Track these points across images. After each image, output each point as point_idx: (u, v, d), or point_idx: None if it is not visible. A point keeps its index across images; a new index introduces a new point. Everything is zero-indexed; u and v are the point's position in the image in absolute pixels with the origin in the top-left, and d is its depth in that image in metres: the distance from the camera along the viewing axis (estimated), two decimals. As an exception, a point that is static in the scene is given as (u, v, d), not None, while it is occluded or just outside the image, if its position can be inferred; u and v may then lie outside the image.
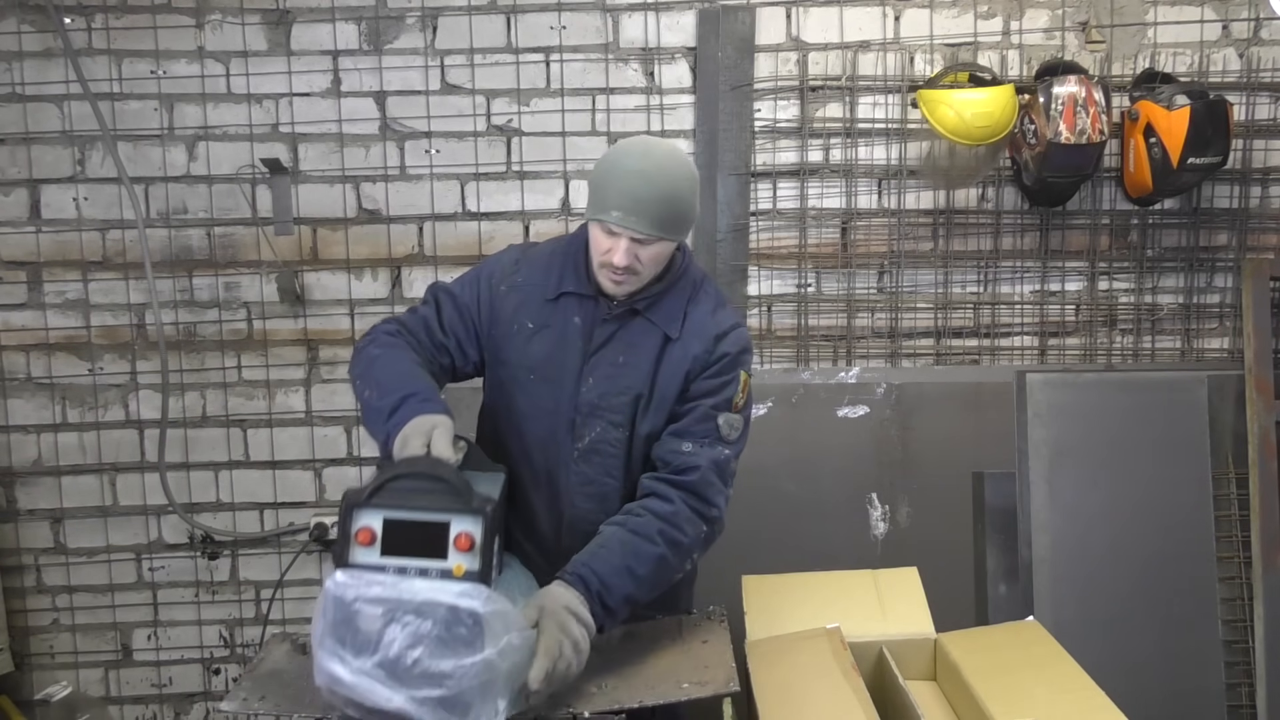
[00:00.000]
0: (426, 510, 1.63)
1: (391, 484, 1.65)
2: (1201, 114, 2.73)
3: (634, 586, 1.81)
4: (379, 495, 1.64)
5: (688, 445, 1.90)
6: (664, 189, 1.83)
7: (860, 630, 2.06)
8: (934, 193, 3.02)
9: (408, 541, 1.62)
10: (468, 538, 1.61)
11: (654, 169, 1.84)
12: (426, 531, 1.62)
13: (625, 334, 1.95)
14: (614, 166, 1.87)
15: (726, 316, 2.00)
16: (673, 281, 1.97)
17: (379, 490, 1.64)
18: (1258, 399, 2.76)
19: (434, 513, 1.63)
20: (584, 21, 2.96)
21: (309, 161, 2.98)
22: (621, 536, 1.83)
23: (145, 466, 3.03)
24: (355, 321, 3.02)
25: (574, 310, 1.96)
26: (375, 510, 1.63)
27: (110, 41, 2.92)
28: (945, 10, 2.97)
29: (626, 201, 1.82)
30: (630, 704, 1.68)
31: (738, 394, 1.94)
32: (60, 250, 2.99)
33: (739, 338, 1.98)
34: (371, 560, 1.62)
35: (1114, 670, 2.02)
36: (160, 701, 3.12)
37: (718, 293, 2.06)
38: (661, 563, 1.84)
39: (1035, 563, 2.67)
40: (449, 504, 1.63)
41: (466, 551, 1.61)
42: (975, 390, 2.89)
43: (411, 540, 1.62)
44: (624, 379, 1.94)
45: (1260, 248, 3.04)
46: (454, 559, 1.61)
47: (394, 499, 1.64)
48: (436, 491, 1.64)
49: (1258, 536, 2.70)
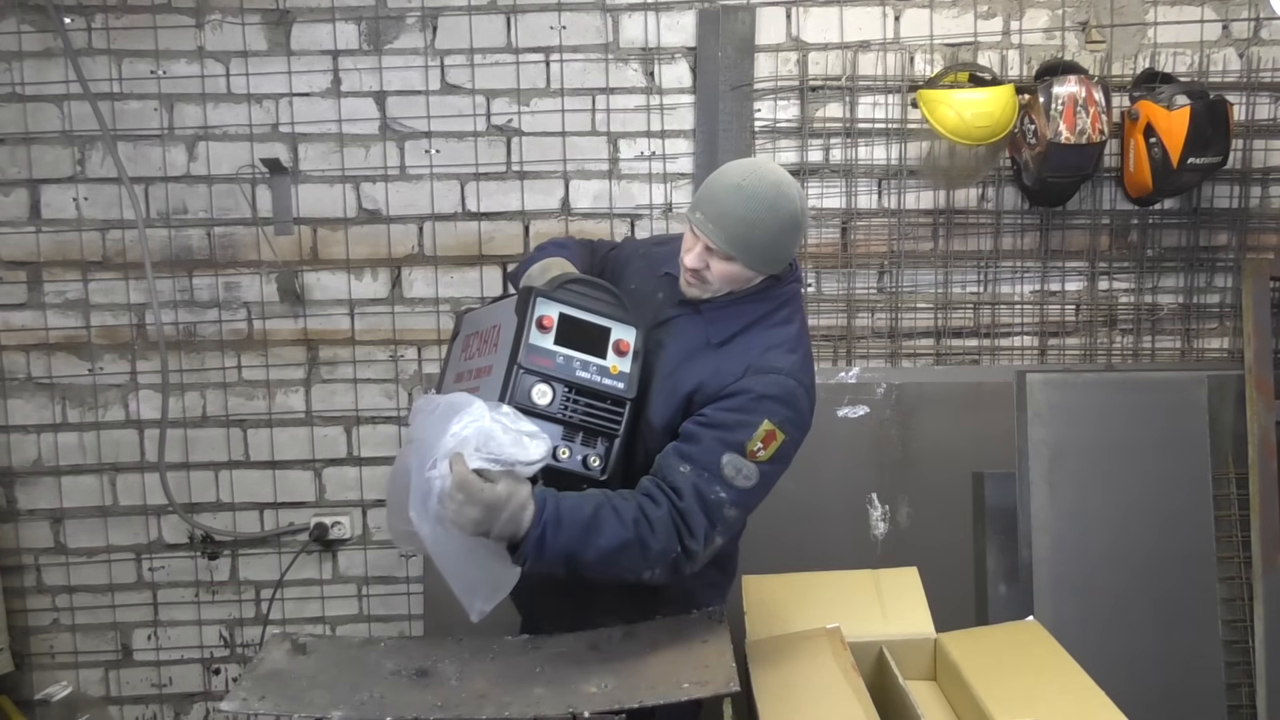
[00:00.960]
0: (597, 313, 1.90)
1: (571, 285, 1.93)
2: (1201, 114, 2.73)
3: (580, 549, 1.76)
4: (562, 291, 1.90)
5: (685, 467, 1.84)
6: (753, 214, 1.84)
7: (860, 630, 2.06)
8: (934, 193, 3.02)
9: (578, 336, 1.87)
10: (626, 343, 1.90)
11: (752, 190, 1.85)
12: (594, 331, 1.89)
13: (681, 323, 1.98)
14: (721, 174, 1.91)
15: (780, 359, 1.89)
16: (743, 298, 1.95)
17: (562, 286, 1.91)
18: (1258, 399, 2.76)
19: (603, 317, 1.90)
20: (584, 21, 2.96)
21: (309, 161, 2.98)
22: (600, 501, 1.80)
23: (145, 466, 3.03)
24: (355, 321, 3.02)
25: (664, 288, 2.03)
26: (556, 303, 1.87)
27: (110, 41, 2.92)
28: (945, 10, 2.97)
29: (712, 209, 1.87)
30: (630, 704, 1.68)
31: (754, 440, 1.84)
32: (60, 250, 2.99)
33: (777, 384, 1.87)
34: (545, 345, 1.85)
35: (1114, 670, 2.03)
36: (160, 701, 3.12)
37: (797, 338, 1.95)
38: (624, 549, 1.78)
39: (1035, 563, 2.67)
40: (616, 312, 1.92)
41: (624, 355, 1.89)
42: (975, 390, 2.89)
43: (581, 336, 1.88)
44: (655, 358, 1.96)
45: (1260, 248, 3.04)
46: (611, 359, 1.89)
47: (573, 297, 1.90)
48: (606, 301, 1.93)
49: (1258, 536, 2.70)
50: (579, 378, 1.86)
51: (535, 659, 1.88)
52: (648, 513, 1.81)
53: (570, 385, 1.85)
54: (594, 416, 1.87)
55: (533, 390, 1.83)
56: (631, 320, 1.92)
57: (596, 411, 1.87)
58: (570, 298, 1.90)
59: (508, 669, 1.85)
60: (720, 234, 1.85)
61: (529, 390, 1.83)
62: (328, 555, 3.08)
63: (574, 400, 1.85)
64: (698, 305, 1.97)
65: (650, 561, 1.81)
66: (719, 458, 1.83)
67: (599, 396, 1.87)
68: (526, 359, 1.83)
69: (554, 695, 1.72)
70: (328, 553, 3.07)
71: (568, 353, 1.86)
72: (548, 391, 1.84)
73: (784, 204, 1.86)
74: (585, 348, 1.87)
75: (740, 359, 1.89)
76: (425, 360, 3.03)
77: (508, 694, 1.74)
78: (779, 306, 1.96)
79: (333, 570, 3.09)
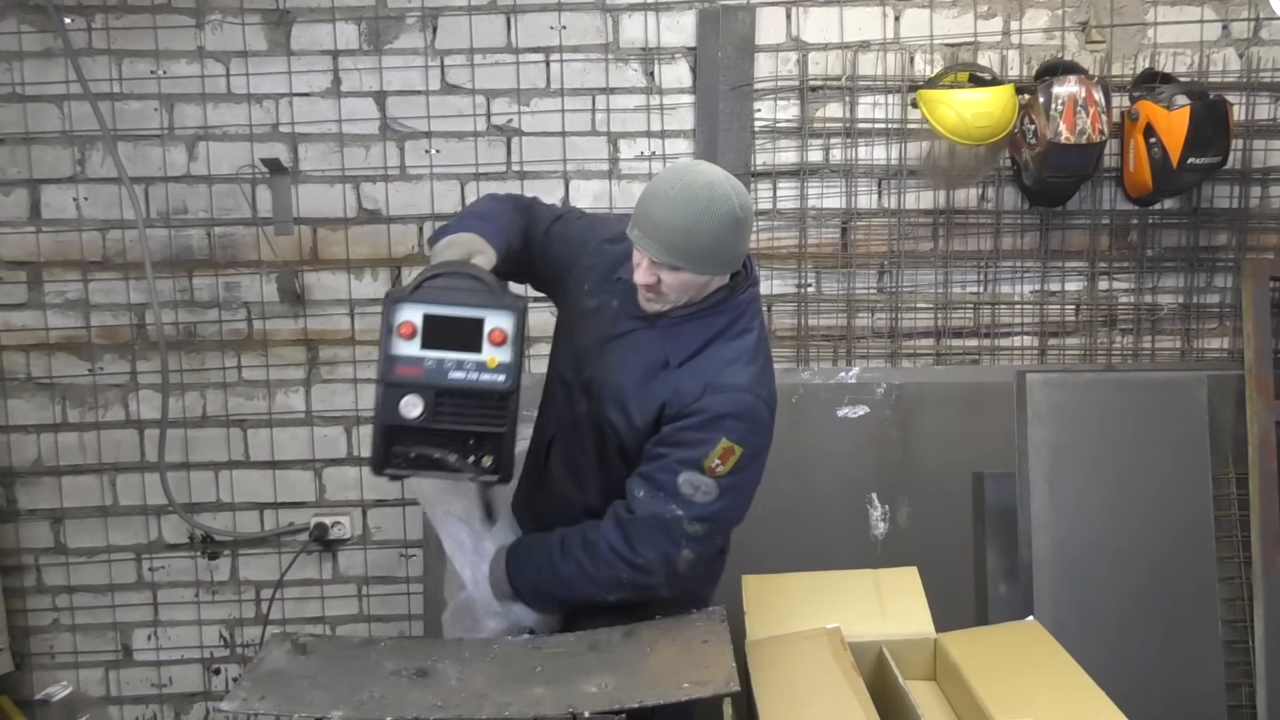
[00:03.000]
0: (464, 306, 1.77)
1: (431, 281, 1.79)
2: (1201, 114, 2.73)
3: (542, 582, 1.97)
4: (420, 291, 1.78)
5: (640, 491, 1.89)
6: (688, 220, 1.80)
7: (860, 630, 2.06)
8: (934, 193, 3.02)
9: (446, 335, 1.76)
10: (501, 333, 1.76)
11: (682, 196, 1.81)
12: (464, 326, 1.76)
13: (639, 337, 1.96)
14: (652, 186, 1.87)
15: (738, 375, 1.90)
16: (700, 311, 1.93)
17: (419, 286, 1.78)
18: (1258, 399, 2.76)
19: (471, 308, 1.77)
20: (584, 21, 2.96)
21: (309, 161, 2.98)
22: (558, 537, 1.98)
23: (145, 466, 3.03)
24: (355, 321, 3.02)
25: (620, 295, 1.99)
26: (416, 305, 1.76)
27: (110, 41, 2.92)
28: (945, 10, 2.97)
29: (647, 224, 1.83)
30: (630, 704, 1.68)
31: (711, 457, 1.86)
32: (60, 250, 2.99)
33: (735, 402, 1.88)
34: (410, 352, 1.75)
35: (1114, 670, 2.03)
36: (160, 701, 3.12)
37: (755, 348, 1.95)
38: (581, 575, 1.93)
39: (1035, 563, 2.67)
40: (485, 300, 1.78)
41: (500, 345, 1.76)
42: (975, 390, 2.89)
43: (450, 334, 1.76)
44: (614, 374, 1.95)
45: (1260, 248, 3.04)
46: (488, 352, 1.76)
47: (435, 294, 1.77)
48: (473, 289, 1.79)
49: (1258, 536, 2.70)
50: (452, 380, 1.77)
51: (535, 659, 1.88)
52: (589, 536, 1.93)
53: (443, 390, 1.77)
54: (476, 417, 1.79)
55: (401, 404, 1.75)
56: (507, 304, 1.79)
57: (477, 412, 1.78)
58: (432, 294, 1.78)
59: (508, 669, 1.85)
60: (659, 247, 1.82)
61: (397, 405, 1.75)
62: (328, 555, 3.08)
63: (451, 405, 1.77)
64: (654, 319, 1.95)
65: (602, 581, 1.93)
66: (675, 477, 1.87)
67: (478, 395, 1.78)
68: (390, 372, 1.75)
69: (554, 695, 1.72)
70: (328, 553, 3.07)
71: (438, 355, 1.77)
72: (418, 403, 1.75)
73: (719, 204, 1.82)
74: (457, 345, 1.77)
75: (699, 378, 1.90)
76: (425, 360, 3.03)
77: (508, 694, 1.74)
78: (736, 318, 1.95)
79: (333, 570, 3.09)
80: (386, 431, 1.79)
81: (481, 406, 1.78)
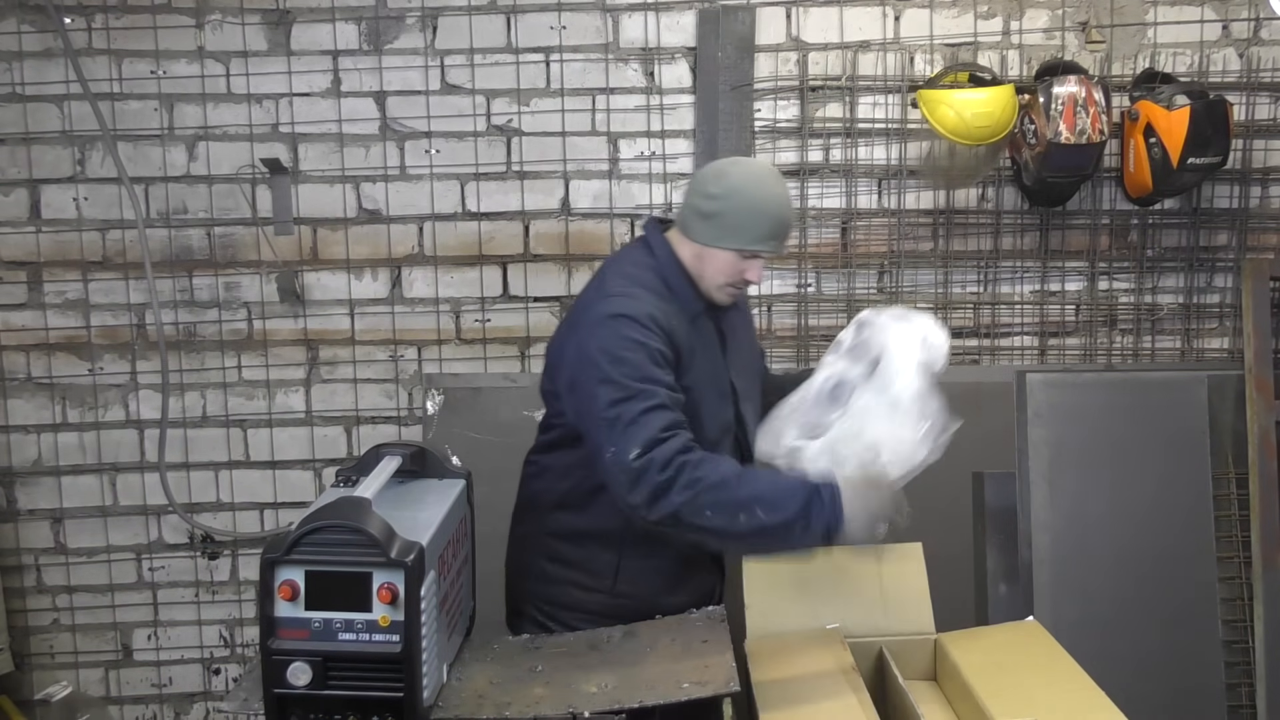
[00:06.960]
0: (348, 562, 1.59)
1: (311, 536, 1.60)
2: (1201, 114, 2.73)
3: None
4: (301, 547, 1.59)
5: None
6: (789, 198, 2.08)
7: (861, 625, 2.06)
8: (934, 193, 3.02)
9: (333, 592, 1.59)
10: (389, 590, 1.58)
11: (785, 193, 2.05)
12: (350, 581, 1.59)
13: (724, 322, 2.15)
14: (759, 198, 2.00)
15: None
16: None
17: (297, 544, 1.60)
18: (1258, 399, 2.75)
19: (357, 565, 1.59)
20: (584, 21, 2.96)
21: (309, 161, 2.98)
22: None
23: (145, 466, 3.03)
24: (355, 321, 3.02)
25: (703, 323, 2.09)
26: (294, 566, 1.59)
27: (110, 41, 2.92)
28: (945, 10, 2.97)
29: (780, 229, 2.02)
30: (630, 704, 1.68)
31: None
32: (60, 250, 2.99)
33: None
34: (296, 615, 1.59)
35: (1114, 670, 2.02)
36: (160, 701, 3.12)
37: None
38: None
39: (1035, 563, 2.66)
40: (370, 555, 1.58)
41: (391, 603, 1.58)
42: (975, 390, 2.88)
43: (336, 591, 1.59)
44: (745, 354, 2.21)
45: (1260, 248, 3.04)
46: (378, 610, 1.58)
47: (315, 551, 1.59)
48: (357, 543, 1.59)
49: (1258, 536, 2.70)
50: (342, 642, 1.59)
51: (535, 659, 1.88)
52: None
53: (331, 656, 1.59)
54: (370, 683, 1.60)
55: (289, 672, 1.58)
56: (396, 557, 1.58)
57: (372, 676, 1.60)
58: (312, 551, 1.60)
59: (508, 669, 1.84)
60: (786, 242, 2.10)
61: (284, 673, 1.58)
62: (328, 555, 3.07)
63: (341, 670, 1.60)
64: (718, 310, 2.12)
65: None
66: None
67: (370, 660, 1.59)
68: (273, 638, 1.59)
69: (554, 695, 1.72)
70: (328, 553, 3.07)
71: (325, 615, 1.59)
72: (306, 670, 1.58)
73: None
74: (345, 604, 1.59)
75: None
76: (425, 360, 3.04)
77: (507, 694, 1.74)
78: None
79: (333, 570, 3.09)
80: (276, 700, 1.62)
81: (376, 671, 1.60)
